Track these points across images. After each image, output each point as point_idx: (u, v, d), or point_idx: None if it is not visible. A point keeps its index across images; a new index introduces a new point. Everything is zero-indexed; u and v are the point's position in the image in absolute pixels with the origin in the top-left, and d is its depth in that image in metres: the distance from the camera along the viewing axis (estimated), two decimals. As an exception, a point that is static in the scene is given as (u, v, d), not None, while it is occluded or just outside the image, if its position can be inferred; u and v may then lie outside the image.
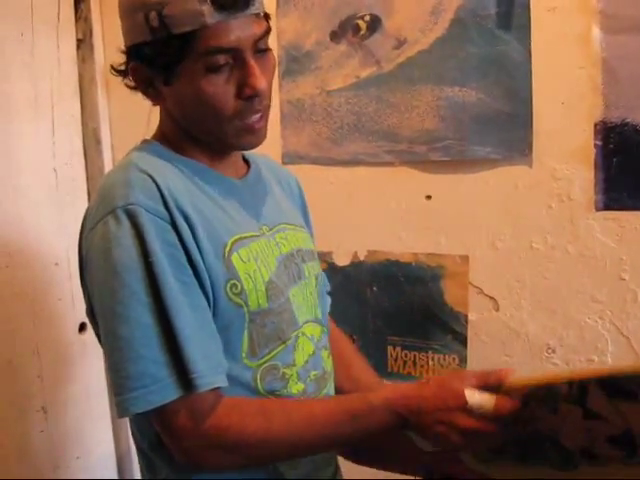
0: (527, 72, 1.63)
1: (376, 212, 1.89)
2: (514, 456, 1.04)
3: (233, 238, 1.09)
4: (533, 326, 1.73)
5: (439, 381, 1.04)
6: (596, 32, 1.55)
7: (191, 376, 0.98)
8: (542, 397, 0.96)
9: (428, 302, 1.84)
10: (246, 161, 1.25)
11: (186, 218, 1.03)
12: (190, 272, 1.02)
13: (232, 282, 1.06)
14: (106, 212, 1.01)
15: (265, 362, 1.10)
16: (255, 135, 1.10)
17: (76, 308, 2.11)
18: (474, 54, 1.68)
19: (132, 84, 1.13)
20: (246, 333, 1.08)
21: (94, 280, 1.03)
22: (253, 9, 1.03)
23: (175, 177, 1.08)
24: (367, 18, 1.80)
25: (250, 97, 1.05)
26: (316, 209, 1.46)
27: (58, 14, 2.07)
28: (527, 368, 1.73)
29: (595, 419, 0.94)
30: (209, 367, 1.00)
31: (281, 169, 1.39)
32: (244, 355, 1.08)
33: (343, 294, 1.92)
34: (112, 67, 1.14)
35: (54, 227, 2.04)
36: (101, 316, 1.03)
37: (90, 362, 2.17)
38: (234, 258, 1.07)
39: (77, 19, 2.15)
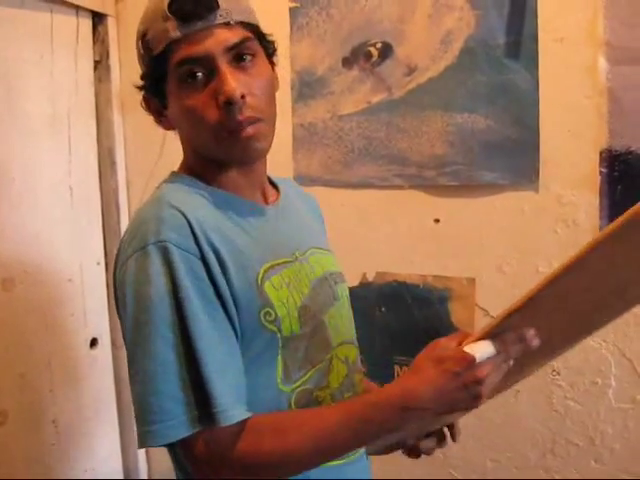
0: (535, 100, 1.67)
1: (385, 234, 1.92)
2: None
3: (265, 266, 1.09)
4: (538, 348, 1.75)
5: (432, 358, 0.98)
6: (602, 63, 1.59)
7: (214, 410, 0.97)
8: None
9: (435, 323, 1.86)
10: (275, 186, 1.25)
11: (216, 252, 1.03)
12: (219, 306, 1.02)
13: (266, 310, 1.06)
14: (138, 247, 1.02)
15: (299, 386, 1.10)
16: (246, 146, 1.06)
17: (88, 324, 2.14)
18: (483, 82, 1.72)
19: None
20: (280, 359, 1.08)
21: (124, 313, 1.04)
22: (220, 19, 1.03)
23: (205, 210, 1.08)
24: (379, 45, 1.84)
25: (226, 104, 1.03)
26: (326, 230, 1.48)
27: (77, 36, 2.11)
28: (532, 390, 1.76)
29: None
30: (233, 401, 1.00)
31: (303, 191, 1.39)
32: (279, 380, 1.08)
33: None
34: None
35: (68, 244, 2.08)
36: (128, 348, 1.04)
37: (100, 377, 2.20)
38: (267, 286, 1.07)
39: (95, 41, 2.19)
